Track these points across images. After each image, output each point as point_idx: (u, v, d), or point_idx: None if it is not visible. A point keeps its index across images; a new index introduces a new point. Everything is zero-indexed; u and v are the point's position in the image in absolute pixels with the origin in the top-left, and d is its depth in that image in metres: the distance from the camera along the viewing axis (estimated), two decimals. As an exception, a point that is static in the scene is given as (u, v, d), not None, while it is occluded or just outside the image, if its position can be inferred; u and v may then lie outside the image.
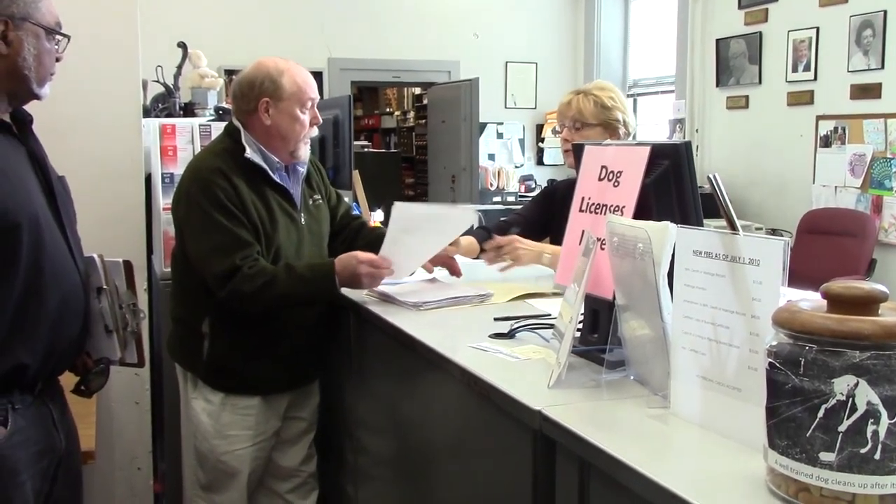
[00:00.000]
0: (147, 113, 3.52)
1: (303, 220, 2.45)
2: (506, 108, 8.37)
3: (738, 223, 1.26)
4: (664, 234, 1.40)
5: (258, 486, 2.58)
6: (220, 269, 2.24)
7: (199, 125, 3.18)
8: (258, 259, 2.28)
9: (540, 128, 8.40)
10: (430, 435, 1.98)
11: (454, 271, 2.52)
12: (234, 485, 2.45)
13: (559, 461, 1.38)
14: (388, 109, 12.90)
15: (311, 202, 2.51)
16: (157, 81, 3.78)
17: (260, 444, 2.46)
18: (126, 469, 2.99)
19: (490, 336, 1.91)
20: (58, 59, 1.85)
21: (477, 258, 2.61)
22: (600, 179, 1.75)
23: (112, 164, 2.92)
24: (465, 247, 2.57)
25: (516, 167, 8.34)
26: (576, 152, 1.93)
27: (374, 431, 2.37)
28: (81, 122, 2.84)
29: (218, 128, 3.13)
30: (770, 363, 1.04)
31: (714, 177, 1.29)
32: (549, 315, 2.00)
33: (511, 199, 8.01)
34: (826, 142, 5.61)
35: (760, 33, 6.18)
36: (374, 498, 2.39)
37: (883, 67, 5.18)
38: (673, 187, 1.61)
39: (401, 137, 12.16)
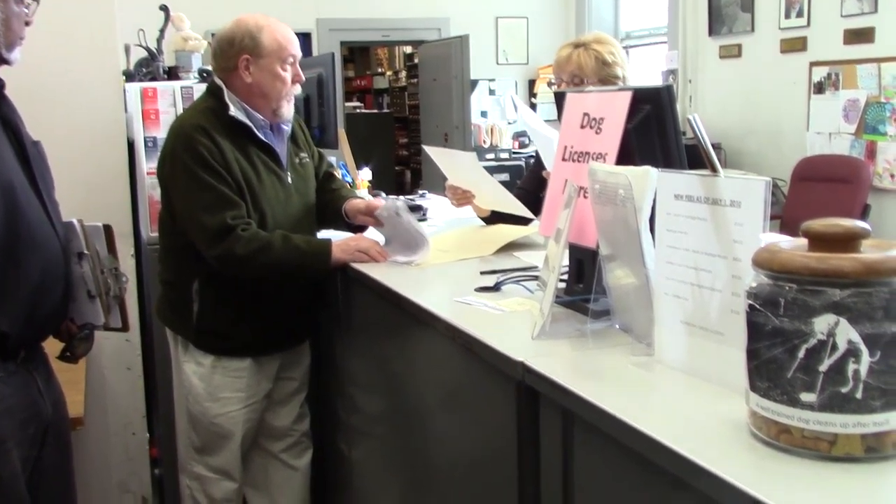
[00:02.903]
0: (131, 78, 3.46)
1: (290, 178, 2.43)
2: (497, 64, 8.27)
3: (733, 173, 1.23)
4: (645, 179, 1.37)
5: (252, 446, 2.58)
6: (210, 226, 2.22)
7: (182, 87, 3.14)
8: (251, 223, 2.26)
9: (532, 83, 8.31)
10: (418, 390, 1.97)
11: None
12: (228, 446, 2.45)
13: (542, 411, 1.37)
14: (379, 70, 12.78)
15: (297, 160, 2.48)
16: (140, 45, 3.72)
17: (252, 406, 2.46)
18: (121, 435, 2.99)
19: (476, 290, 1.89)
20: (28, 24, 1.81)
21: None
22: (582, 127, 1.72)
23: (93, 129, 2.88)
24: None
25: (509, 124, 8.26)
26: (558, 101, 1.89)
27: (365, 389, 2.36)
28: (59, 88, 2.80)
29: (200, 89, 3.09)
30: (750, 305, 1.02)
31: (693, 118, 1.26)
32: (535, 267, 1.98)
33: (504, 155, 7.96)
34: (820, 88, 5.55)
35: (753, -20, 6.09)
36: (367, 454, 2.40)
37: (876, 11, 5.11)
38: (655, 132, 1.58)
39: (393, 97, 12.06)
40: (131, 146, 3.05)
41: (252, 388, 2.44)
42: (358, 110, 11.53)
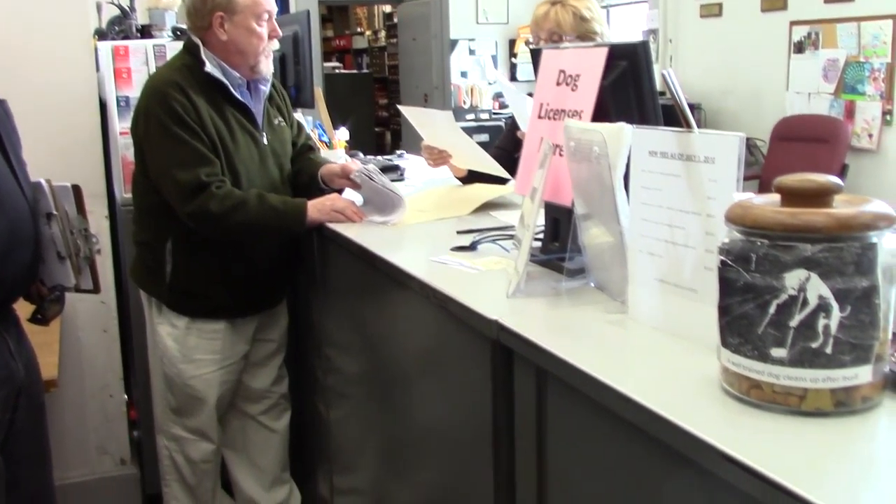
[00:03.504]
0: (103, 36, 3.39)
1: (265, 139, 2.40)
2: (477, 23, 8.19)
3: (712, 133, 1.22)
4: (620, 135, 1.36)
5: (231, 408, 2.59)
6: (184, 183, 2.20)
7: (154, 45, 3.07)
8: (226, 181, 2.24)
9: (513, 43, 8.24)
10: (395, 350, 1.97)
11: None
12: (204, 408, 2.45)
13: (517, 369, 1.37)
14: (358, 29, 12.64)
15: (274, 122, 2.45)
16: (112, 3, 3.64)
17: (227, 368, 2.45)
18: (98, 397, 2.98)
19: (452, 249, 1.88)
20: None
21: None
22: (558, 84, 1.70)
23: (63, 88, 2.83)
24: None
25: (489, 84, 8.21)
26: (534, 58, 1.87)
27: (342, 349, 2.36)
28: (28, 46, 2.74)
29: (173, 48, 3.04)
30: (722, 261, 1.01)
31: (668, 73, 1.25)
32: (512, 226, 1.96)
33: (484, 116, 7.92)
34: (799, 48, 5.54)
35: (734, -63, 6.04)
36: (344, 414, 2.40)
37: (857, -32, 5.09)
38: (631, 88, 1.57)
39: (372, 58, 11.95)
40: (104, 106, 3.00)
41: (227, 350, 2.43)
42: (337, 71, 11.41)
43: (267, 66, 2.37)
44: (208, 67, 2.28)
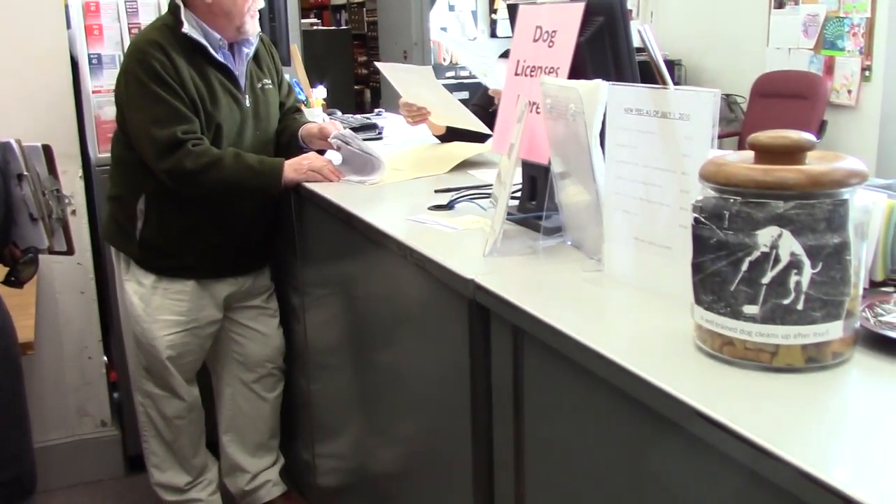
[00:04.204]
0: (74, -8, 3.32)
1: (247, 101, 2.37)
2: (457, -22, 8.07)
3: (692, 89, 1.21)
4: (596, 93, 1.35)
5: (225, 373, 2.59)
6: (160, 139, 2.18)
7: (126, 1, 3.01)
8: (203, 139, 2.22)
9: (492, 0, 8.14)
10: (373, 310, 1.97)
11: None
12: (168, 368, 2.44)
13: (493, 328, 1.37)
14: (336, -16, 12.43)
15: (259, 85, 2.42)
16: (81, -43, 3.56)
17: (192, 331, 2.43)
18: (76, 359, 2.96)
19: (429, 208, 1.87)
20: None
21: None
22: (535, 41, 1.68)
23: (32, 45, 2.77)
24: None
25: (470, 41, 8.11)
26: (511, 14, 1.85)
27: (322, 309, 2.36)
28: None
29: (145, 3, 2.98)
30: (695, 218, 1.01)
31: (644, 30, 1.24)
32: (490, 185, 1.96)
33: (465, 73, 7.83)
34: (780, 3, 5.50)
35: None
36: (325, 378, 2.40)
37: (838, -78, 5.04)
38: (608, 44, 1.56)
39: (351, 14, 11.76)
40: (76, 64, 2.94)
41: (193, 313, 2.42)
42: (315, 27, 11.25)
43: (253, 27, 2.34)
44: (186, 28, 2.24)
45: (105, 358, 3.05)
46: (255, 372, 2.60)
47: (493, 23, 8.19)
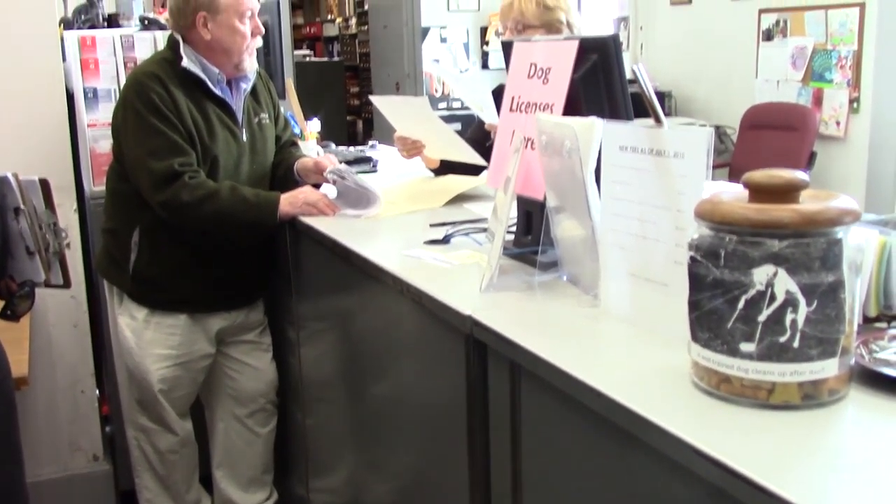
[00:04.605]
0: (69, 25, 3.35)
1: (244, 136, 2.39)
2: (448, 11, 8.15)
3: (682, 120, 1.23)
4: (591, 130, 1.37)
5: (218, 407, 2.59)
6: (157, 171, 2.19)
7: (122, 36, 3.03)
8: (200, 172, 2.23)
9: (484, 31, 8.21)
10: (370, 345, 1.97)
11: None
12: (161, 403, 2.43)
13: (491, 364, 1.38)
14: (329, 17, 12.54)
15: (256, 119, 2.44)
16: (78, -8, 3.59)
17: (184, 365, 2.43)
18: (69, 393, 2.95)
19: (425, 243, 1.88)
20: None
21: None
22: (529, 77, 1.70)
23: (29, 80, 2.78)
24: None
25: (461, 72, 8.18)
26: (505, 50, 1.87)
27: (318, 343, 2.36)
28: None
29: (141, 38, 3.01)
30: (692, 256, 1.02)
31: (638, 68, 1.26)
32: (485, 219, 1.97)
33: (457, 104, 7.89)
34: (768, 35, 5.57)
35: (703, -75, 6.07)
36: (321, 412, 2.40)
37: (824, -43, 5.13)
38: (602, 82, 1.58)
39: (344, 45, 11.86)
40: (71, 97, 2.96)
41: (186, 347, 2.42)
42: (308, 59, 11.33)
43: (251, 64, 2.37)
44: (185, 63, 2.27)
45: (97, 391, 3.04)
46: (247, 407, 2.59)
47: (485, 55, 8.27)
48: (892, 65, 4.86)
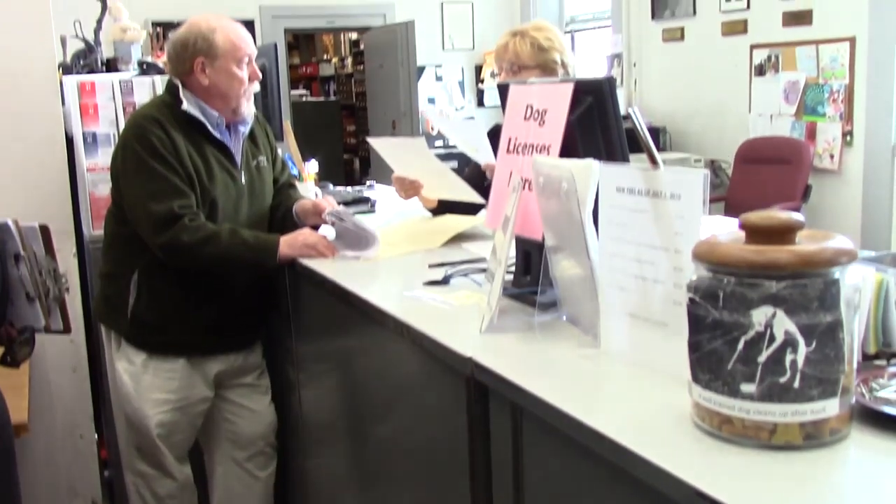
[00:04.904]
0: (68, 70, 3.38)
1: (243, 178, 2.40)
2: (443, 49, 8.25)
3: (676, 155, 1.25)
4: (588, 172, 1.38)
5: (217, 451, 2.57)
6: (157, 214, 2.20)
7: (121, 81, 3.07)
8: (199, 214, 2.25)
9: (479, 69, 8.31)
10: (371, 385, 1.97)
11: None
12: (161, 448, 2.42)
13: (492, 406, 1.38)
14: (325, 56, 12.67)
15: (254, 162, 2.46)
16: (77, 37, 3.63)
17: (183, 410, 2.42)
18: (68, 437, 2.93)
19: (424, 284, 1.89)
20: None
21: None
22: (526, 119, 1.72)
23: (28, 125, 2.81)
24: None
25: (457, 110, 8.26)
26: (501, 92, 1.89)
27: (318, 385, 2.35)
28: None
29: (140, 83, 3.04)
30: (690, 298, 1.03)
31: (633, 111, 1.27)
32: (483, 259, 1.98)
33: (453, 143, 7.95)
34: (761, 70, 5.64)
35: (694, -37, 6.15)
36: (322, 451, 2.39)
37: (813, -7, 5.21)
38: (598, 123, 1.59)
39: (340, 84, 11.97)
40: (70, 141, 2.98)
41: (184, 391, 2.41)
42: (304, 98, 11.42)
43: (249, 109, 2.39)
44: (185, 106, 2.29)
45: (96, 435, 3.02)
46: (246, 450, 2.58)
47: (480, 92, 8.35)
48: (883, 98, 4.91)
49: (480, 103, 8.38)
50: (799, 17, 5.30)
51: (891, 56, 4.84)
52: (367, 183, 3.53)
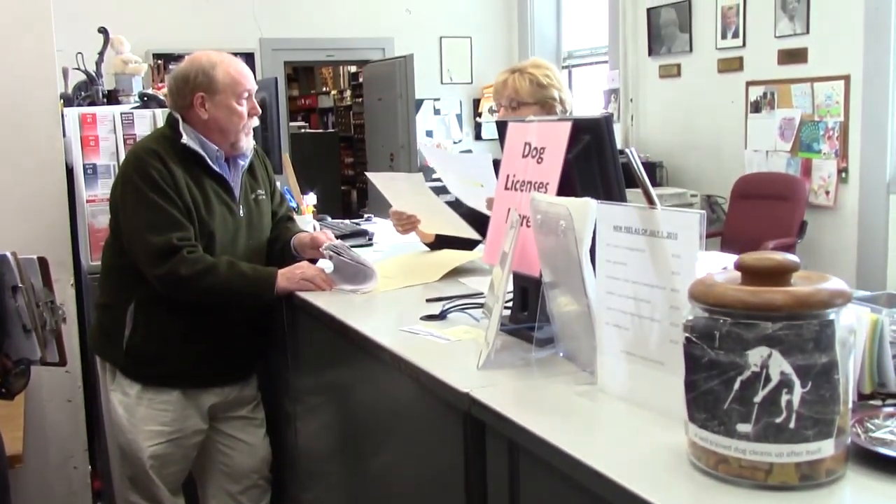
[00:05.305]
0: (69, 102, 3.41)
1: (241, 211, 2.42)
2: (442, 83, 8.31)
3: (673, 190, 1.26)
4: (585, 210, 1.39)
5: (211, 483, 2.56)
6: (156, 245, 2.21)
7: (122, 113, 3.09)
8: (198, 246, 2.26)
9: (477, 102, 8.37)
10: (367, 421, 1.96)
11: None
12: (154, 480, 2.40)
13: (489, 442, 1.38)
14: (324, 89, 12.74)
15: (252, 196, 2.48)
16: (79, 69, 3.66)
17: (177, 442, 2.41)
18: (62, 468, 2.92)
19: (421, 318, 1.89)
20: None
21: None
22: (524, 156, 1.74)
23: (30, 156, 2.83)
24: None
25: (455, 143, 8.30)
26: (500, 130, 1.91)
27: (314, 419, 2.35)
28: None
29: (141, 115, 3.06)
30: (687, 338, 1.04)
31: (631, 151, 1.29)
32: (481, 293, 1.99)
33: (446, 182, 7.97)
34: (756, 107, 5.69)
35: (690, 1, 6.22)
36: (317, 487, 2.37)
37: (808, 32, 5.26)
38: (595, 161, 1.61)
39: (338, 117, 12.03)
40: (70, 172, 3.00)
41: (178, 423, 2.40)
42: (303, 130, 11.48)
43: (248, 143, 2.41)
44: (185, 139, 2.31)
45: (89, 466, 3.01)
46: (240, 483, 2.56)
47: (478, 125, 8.40)
48: (878, 135, 4.95)
49: (478, 136, 8.43)
50: (794, 55, 5.36)
51: (885, 94, 4.89)
52: (365, 216, 3.54)
